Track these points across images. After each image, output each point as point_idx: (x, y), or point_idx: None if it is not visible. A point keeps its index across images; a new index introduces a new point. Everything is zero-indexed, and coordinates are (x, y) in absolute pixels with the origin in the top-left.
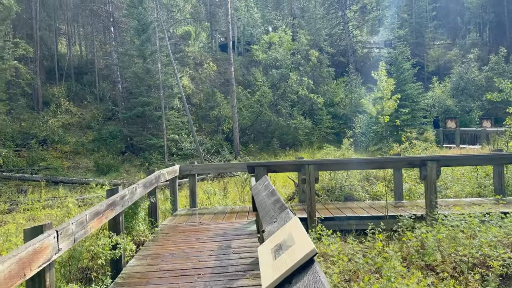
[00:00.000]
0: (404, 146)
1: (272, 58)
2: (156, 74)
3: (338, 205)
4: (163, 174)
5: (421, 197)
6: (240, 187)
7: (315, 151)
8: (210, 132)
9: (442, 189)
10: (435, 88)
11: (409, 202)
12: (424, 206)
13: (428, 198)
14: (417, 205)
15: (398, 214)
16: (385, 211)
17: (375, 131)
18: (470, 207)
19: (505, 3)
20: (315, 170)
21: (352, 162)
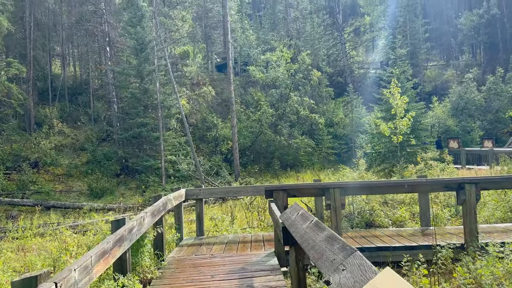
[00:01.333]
0: (420, 167)
1: (271, 77)
2: (154, 94)
3: (361, 233)
4: (170, 200)
5: (448, 223)
6: (249, 212)
7: (317, 171)
8: (208, 153)
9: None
10: (435, 108)
11: (437, 228)
12: (457, 233)
13: (467, 226)
14: (449, 232)
15: (434, 244)
16: (417, 239)
17: (378, 151)
18: (508, 235)
19: (498, 24)
20: (341, 195)
21: (382, 185)
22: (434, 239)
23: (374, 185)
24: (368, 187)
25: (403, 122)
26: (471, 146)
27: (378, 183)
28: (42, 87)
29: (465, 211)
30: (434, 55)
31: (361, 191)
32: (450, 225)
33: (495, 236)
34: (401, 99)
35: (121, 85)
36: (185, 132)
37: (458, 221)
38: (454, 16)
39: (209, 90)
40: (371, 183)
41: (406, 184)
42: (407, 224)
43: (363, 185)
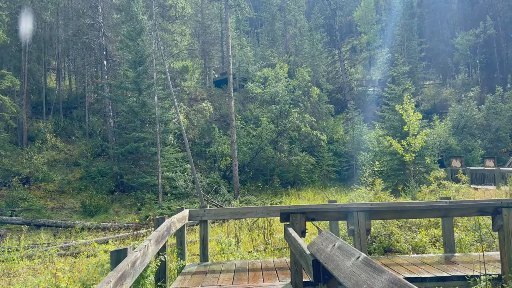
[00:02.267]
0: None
1: (270, 93)
2: (152, 108)
3: (382, 260)
4: (174, 223)
5: (472, 248)
6: (253, 233)
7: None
8: (206, 170)
9: (485, 238)
10: (436, 126)
11: (463, 255)
12: (488, 261)
13: (506, 255)
14: (478, 260)
15: (467, 274)
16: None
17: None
18: None
19: (495, 44)
20: (367, 219)
21: (414, 209)
22: (464, 268)
23: (404, 208)
24: (397, 211)
25: (418, 140)
26: (472, 165)
27: (408, 206)
28: (36, 100)
29: (503, 238)
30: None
31: (389, 215)
32: (475, 251)
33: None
34: (415, 115)
35: (117, 99)
36: (183, 148)
37: (483, 247)
38: (450, 35)
39: (208, 105)
40: (401, 206)
41: (440, 207)
42: (428, 250)
43: (392, 208)
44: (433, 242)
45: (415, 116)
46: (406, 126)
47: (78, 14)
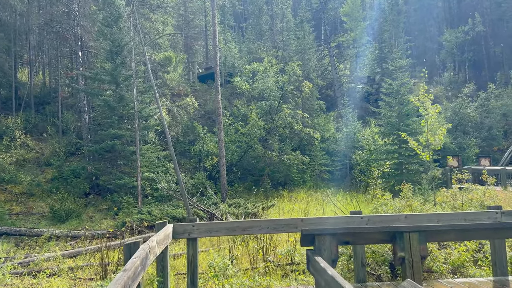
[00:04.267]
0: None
1: (259, 89)
2: (131, 102)
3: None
4: (152, 250)
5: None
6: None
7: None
8: (191, 170)
9: None
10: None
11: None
12: None
13: None
14: None
15: None
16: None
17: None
18: None
19: (483, 42)
20: (423, 243)
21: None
22: None
23: (475, 227)
24: (465, 231)
25: (439, 136)
26: (468, 164)
27: (480, 224)
28: (6, 95)
29: None
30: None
31: (451, 236)
32: None
33: None
34: (433, 107)
35: (93, 92)
36: (165, 146)
37: None
38: (437, 33)
39: (192, 101)
40: (469, 224)
41: None
42: (468, 270)
43: (457, 228)
44: (473, 260)
45: (434, 109)
46: (423, 121)
47: (51, 1)
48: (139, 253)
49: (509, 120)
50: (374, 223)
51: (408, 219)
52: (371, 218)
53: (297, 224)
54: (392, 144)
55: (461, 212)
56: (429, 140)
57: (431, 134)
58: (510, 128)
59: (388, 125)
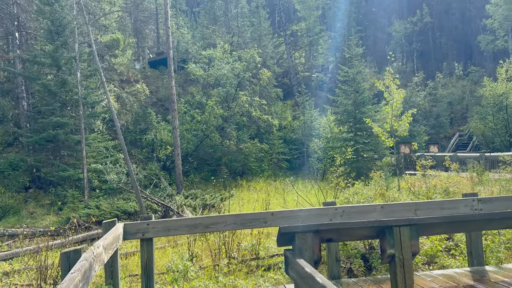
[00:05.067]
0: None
1: (215, 76)
2: (75, 87)
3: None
4: (98, 257)
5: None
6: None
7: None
8: (143, 160)
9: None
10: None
11: (498, 268)
12: None
13: None
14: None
15: None
16: None
17: (332, 156)
18: None
19: (430, 33)
20: (414, 238)
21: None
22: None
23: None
24: (459, 222)
25: (404, 122)
26: (419, 151)
27: (477, 215)
28: None
29: None
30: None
31: (443, 229)
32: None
33: None
34: (399, 92)
35: (32, 76)
36: (114, 135)
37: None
38: (387, 24)
39: (143, 87)
40: (464, 215)
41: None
42: (442, 260)
43: (451, 220)
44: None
45: (399, 94)
46: (387, 107)
47: None
48: (80, 264)
49: (454, 108)
50: (349, 215)
51: (385, 209)
52: (346, 209)
53: (266, 218)
54: (348, 131)
55: (438, 200)
56: (394, 126)
57: (395, 120)
58: (455, 116)
59: (345, 113)
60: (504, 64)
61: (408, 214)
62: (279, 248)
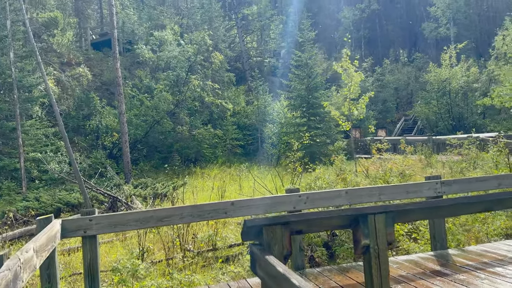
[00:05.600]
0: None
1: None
2: (7, 69)
3: (351, 272)
4: (27, 263)
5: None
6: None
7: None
8: (87, 148)
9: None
10: (333, 97)
11: (460, 251)
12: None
13: None
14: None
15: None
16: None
17: (286, 142)
18: None
19: (377, 20)
20: (390, 226)
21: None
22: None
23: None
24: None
25: (362, 104)
26: (368, 135)
27: (451, 200)
28: None
29: None
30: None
31: (419, 215)
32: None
33: None
34: (357, 75)
35: None
36: (54, 122)
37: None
38: (336, 10)
39: (85, 71)
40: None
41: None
42: (403, 244)
43: (428, 206)
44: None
45: (358, 77)
46: (346, 89)
47: None
48: (1, 276)
49: (400, 94)
50: (314, 201)
51: (349, 194)
52: (310, 196)
53: (226, 209)
54: (301, 117)
55: (403, 184)
56: (351, 110)
57: (352, 104)
58: (401, 101)
59: (298, 98)
60: (448, 50)
61: (373, 199)
62: (237, 238)
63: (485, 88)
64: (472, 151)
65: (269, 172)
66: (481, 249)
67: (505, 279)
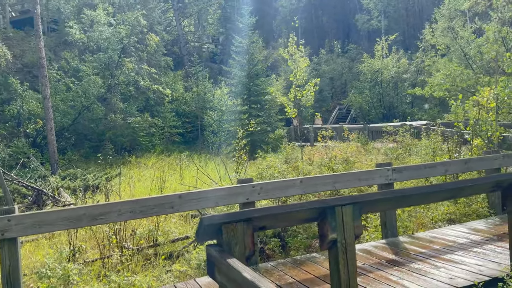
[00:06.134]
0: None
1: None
2: None
3: (288, 270)
4: None
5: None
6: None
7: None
8: (7, 137)
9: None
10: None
11: (411, 238)
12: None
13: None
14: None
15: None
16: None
17: (227, 129)
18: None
19: (313, 10)
20: (357, 218)
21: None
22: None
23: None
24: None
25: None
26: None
27: (422, 188)
28: None
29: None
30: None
31: (387, 205)
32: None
33: None
34: (303, 61)
35: None
36: None
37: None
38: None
39: (3, 51)
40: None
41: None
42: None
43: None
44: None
45: (304, 62)
46: (291, 75)
47: None
48: None
49: (335, 83)
50: (268, 192)
51: (304, 183)
52: (263, 186)
53: (173, 203)
54: (242, 104)
55: (355, 172)
56: (298, 96)
57: (299, 90)
58: (336, 91)
59: (239, 85)
60: (381, 41)
61: (328, 188)
62: (180, 231)
63: (414, 78)
64: (406, 138)
65: (211, 161)
66: (430, 236)
67: (461, 266)
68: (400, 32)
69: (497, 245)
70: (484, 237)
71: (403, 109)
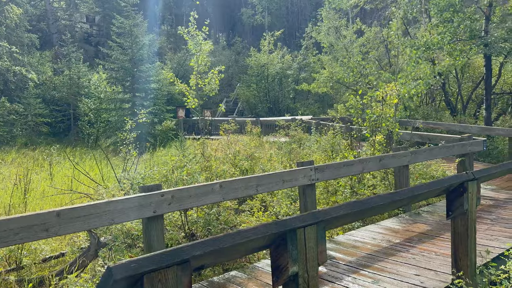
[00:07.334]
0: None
1: None
2: None
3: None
4: None
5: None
6: None
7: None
8: None
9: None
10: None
11: (333, 243)
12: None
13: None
14: (359, 247)
15: None
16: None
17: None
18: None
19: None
20: (321, 239)
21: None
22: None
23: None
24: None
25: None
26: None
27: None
28: None
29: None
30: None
31: (349, 219)
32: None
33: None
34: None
35: None
36: None
37: None
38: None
39: None
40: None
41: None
42: None
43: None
44: None
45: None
46: (193, 60)
47: None
48: None
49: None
50: (181, 201)
51: (224, 188)
52: (175, 194)
53: (48, 224)
54: (124, 92)
55: (278, 172)
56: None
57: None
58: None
59: (121, 70)
60: (267, 36)
61: (251, 192)
62: (54, 248)
63: (296, 75)
64: (298, 133)
65: (88, 156)
66: (352, 239)
67: (399, 277)
68: (282, 29)
69: (421, 248)
70: (404, 239)
71: (287, 104)
